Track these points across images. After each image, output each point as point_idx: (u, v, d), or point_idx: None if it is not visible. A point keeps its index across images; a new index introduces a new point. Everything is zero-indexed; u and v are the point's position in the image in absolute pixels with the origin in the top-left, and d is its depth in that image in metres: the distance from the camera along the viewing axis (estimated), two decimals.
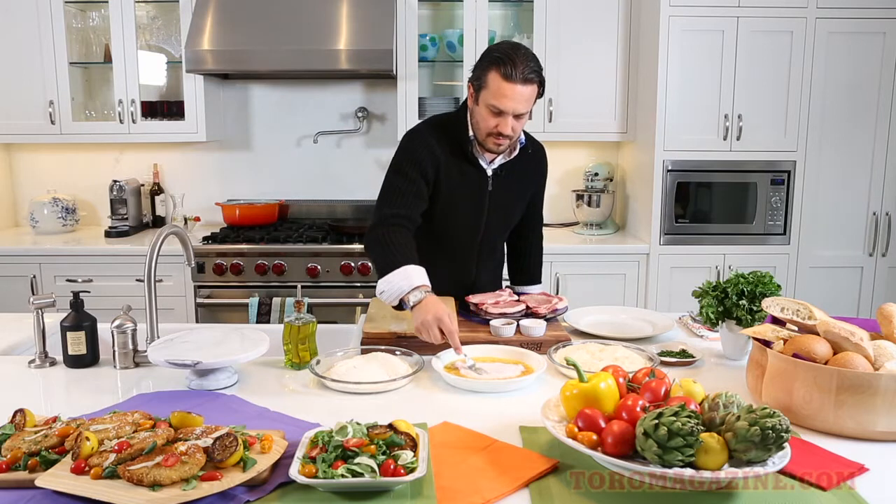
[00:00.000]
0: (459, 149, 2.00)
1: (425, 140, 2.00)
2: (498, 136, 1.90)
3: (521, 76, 1.82)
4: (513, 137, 1.93)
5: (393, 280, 1.78)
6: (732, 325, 1.69)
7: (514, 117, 1.87)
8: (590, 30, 3.43)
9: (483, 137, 1.94)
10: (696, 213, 3.35)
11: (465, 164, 2.01)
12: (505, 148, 1.98)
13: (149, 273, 1.67)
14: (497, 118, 1.87)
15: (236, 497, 1.06)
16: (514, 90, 1.82)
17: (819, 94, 3.23)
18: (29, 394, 1.55)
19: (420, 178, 1.96)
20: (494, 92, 1.84)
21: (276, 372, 1.64)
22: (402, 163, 1.99)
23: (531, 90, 1.85)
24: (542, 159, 2.17)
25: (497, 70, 1.83)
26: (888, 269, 3.38)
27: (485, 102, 1.88)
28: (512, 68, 1.81)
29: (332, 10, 3.25)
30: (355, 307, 3.14)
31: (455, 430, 1.32)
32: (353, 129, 3.80)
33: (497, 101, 1.84)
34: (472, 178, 2.03)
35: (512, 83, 1.82)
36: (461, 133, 1.99)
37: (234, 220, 3.54)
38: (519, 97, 1.83)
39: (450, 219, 2.05)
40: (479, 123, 1.93)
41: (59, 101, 3.43)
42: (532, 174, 2.14)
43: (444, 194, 2.01)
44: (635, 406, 1.14)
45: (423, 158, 1.97)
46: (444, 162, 1.98)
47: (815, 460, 1.18)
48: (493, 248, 2.21)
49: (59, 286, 3.25)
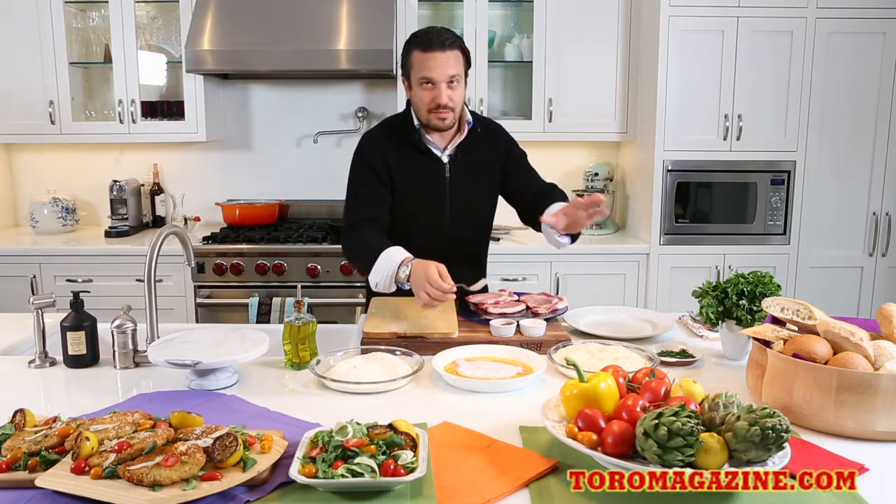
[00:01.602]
0: (409, 141, 2.07)
1: (371, 140, 2.12)
2: (437, 108, 1.98)
3: (438, 42, 1.93)
4: (454, 108, 2.00)
5: (379, 268, 1.87)
6: (732, 325, 1.69)
7: (447, 86, 1.95)
8: (590, 30, 3.43)
9: (426, 116, 2.01)
10: (696, 213, 3.35)
11: (419, 156, 2.08)
12: (451, 122, 2.02)
13: (149, 273, 1.67)
14: (431, 90, 1.97)
15: (236, 497, 1.06)
16: (436, 57, 1.93)
17: (819, 94, 3.23)
18: (29, 394, 1.55)
19: (373, 177, 2.06)
20: (419, 65, 1.95)
21: (276, 372, 1.64)
22: (354, 169, 2.11)
23: (454, 56, 1.95)
24: (497, 136, 2.18)
25: (416, 47, 1.96)
26: (888, 269, 3.38)
27: (416, 80, 1.98)
28: (427, 40, 1.94)
29: (332, 10, 3.25)
30: (355, 307, 3.14)
31: (455, 430, 1.32)
32: (353, 129, 3.80)
33: (423, 71, 1.95)
34: (427, 168, 2.08)
35: (432, 52, 1.93)
36: (408, 126, 2.07)
37: (234, 220, 3.54)
38: (443, 63, 1.94)
39: (412, 211, 2.10)
40: (419, 105, 2.01)
41: (59, 101, 3.44)
42: (491, 154, 2.15)
43: (400, 187, 2.08)
44: (635, 406, 1.14)
45: (371, 157, 2.07)
46: (393, 156, 2.07)
47: (815, 460, 1.18)
48: (465, 238, 2.18)
49: (59, 286, 3.25)
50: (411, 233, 2.10)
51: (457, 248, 2.14)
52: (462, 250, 2.17)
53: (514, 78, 3.75)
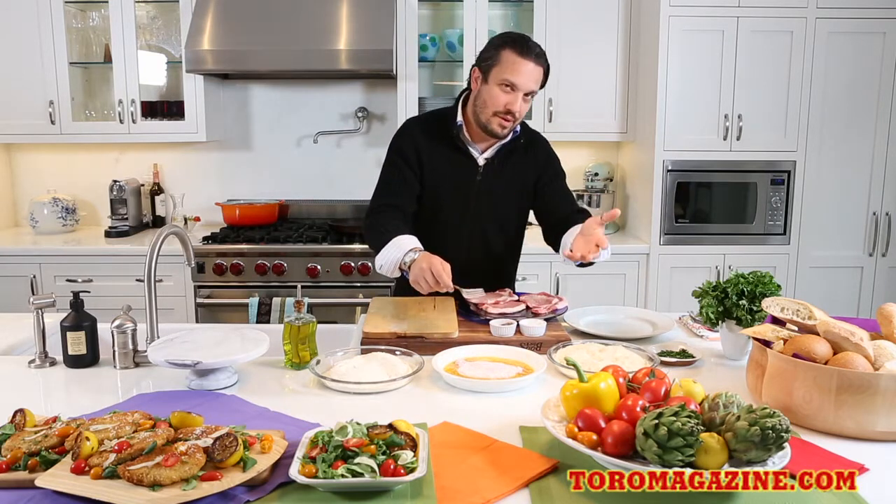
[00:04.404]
0: (447, 137, 2.06)
1: (408, 129, 2.12)
2: (506, 114, 1.95)
3: (534, 54, 1.92)
4: (518, 119, 1.98)
5: (387, 252, 1.90)
6: (732, 325, 1.69)
7: (523, 97, 1.93)
8: (590, 30, 3.43)
9: (489, 117, 1.97)
10: (696, 213, 3.35)
11: (454, 152, 2.07)
12: (509, 131, 2.01)
13: (149, 273, 1.66)
14: (509, 95, 1.93)
15: (236, 497, 1.06)
16: (528, 66, 1.90)
17: (819, 95, 3.23)
18: (29, 394, 1.55)
19: (404, 166, 2.06)
20: (509, 67, 1.91)
21: (276, 372, 1.64)
22: (389, 155, 2.12)
23: (540, 72, 1.94)
24: (538, 151, 2.15)
25: (511, 47, 1.92)
26: (888, 269, 3.38)
27: (497, 79, 1.93)
28: (525, 46, 1.91)
29: (332, 10, 3.25)
30: (355, 307, 3.14)
31: (455, 430, 1.31)
32: (353, 129, 3.80)
33: (511, 75, 1.90)
34: (460, 166, 2.07)
35: (526, 59, 1.90)
36: (449, 122, 2.06)
37: (234, 220, 3.54)
38: (531, 74, 1.92)
39: (436, 203, 2.10)
40: (488, 102, 1.96)
41: (59, 101, 3.44)
42: (529, 166, 2.13)
43: (428, 179, 2.08)
44: (635, 406, 1.14)
45: (405, 146, 2.08)
46: (427, 148, 2.06)
47: (815, 460, 1.18)
48: (486, 240, 2.15)
49: (59, 286, 3.25)
50: (434, 227, 2.09)
51: (477, 255, 2.12)
52: (483, 258, 2.14)
53: None
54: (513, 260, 2.27)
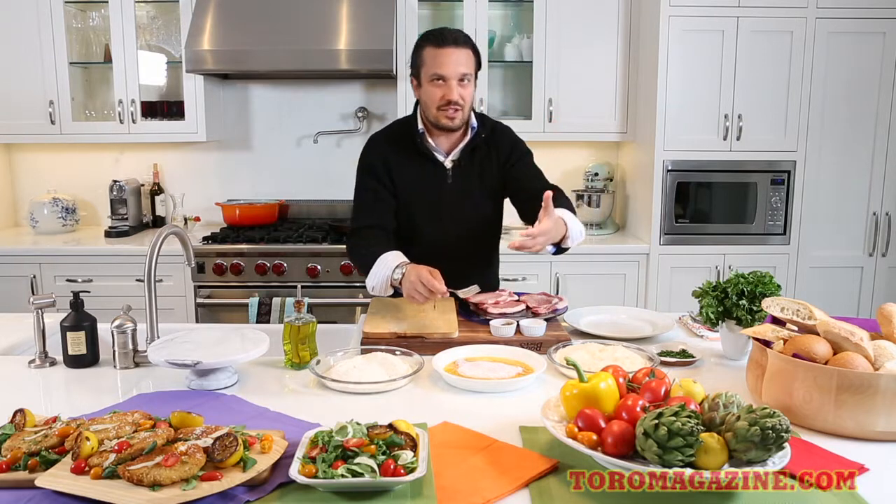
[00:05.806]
0: (411, 145, 2.08)
1: (374, 145, 2.15)
2: (447, 104, 1.97)
3: (452, 39, 1.96)
4: (464, 107, 2.00)
5: (375, 272, 1.90)
6: (732, 325, 1.69)
7: (458, 83, 1.96)
8: (590, 30, 3.43)
9: (435, 114, 2.00)
10: (695, 213, 3.35)
11: (421, 160, 2.09)
12: (460, 121, 2.02)
13: (149, 273, 1.66)
14: (442, 87, 1.97)
15: (236, 497, 1.06)
16: (449, 54, 1.95)
17: (819, 95, 3.23)
18: (29, 394, 1.55)
19: (376, 183, 2.09)
20: (431, 61, 1.96)
21: (276, 372, 1.64)
22: (359, 175, 2.14)
23: (466, 54, 1.97)
24: (501, 139, 2.15)
25: (429, 43, 1.99)
26: (888, 269, 3.38)
27: (427, 77, 1.98)
28: (441, 36, 1.97)
29: (331, 10, 3.25)
30: (355, 307, 3.14)
31: (455, 430, 1.31)
32: (353, 129, 3.80)
33: (436, 67, 1.96)
34: (429, 173, 2.09)
35: (444, 47, 1.95)
36: (411, 130, 2.08)
37: (234, 220, 3.54)
38: (456, 59, 1.95)
39: (413, 215, 2.11)
40: (427, 101, 2.01)
41: (59, 101, 3.44)
42: (493, 157, 2.13)
43: (401, 190, 2.10)
44: (635, 406, 1.14)
45: (373, 162, 2.10)
46: (395, 160, 2.08)
47: (815, 460, 1.18)
48: (470, 244, 2.16)
49: (59, 286, 3.25)
50: (414, 237, 2.11)
51: (461, 254, 2.13)
52: (467, 255, 2.16)
53: (514, 78, 3.75)
54: (494, 249, 2.28)
